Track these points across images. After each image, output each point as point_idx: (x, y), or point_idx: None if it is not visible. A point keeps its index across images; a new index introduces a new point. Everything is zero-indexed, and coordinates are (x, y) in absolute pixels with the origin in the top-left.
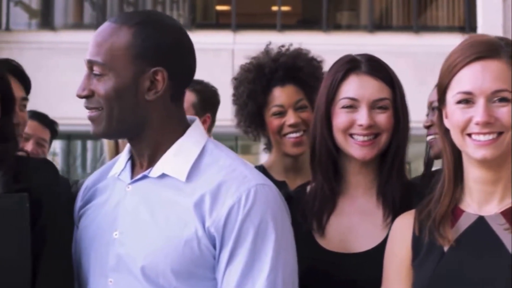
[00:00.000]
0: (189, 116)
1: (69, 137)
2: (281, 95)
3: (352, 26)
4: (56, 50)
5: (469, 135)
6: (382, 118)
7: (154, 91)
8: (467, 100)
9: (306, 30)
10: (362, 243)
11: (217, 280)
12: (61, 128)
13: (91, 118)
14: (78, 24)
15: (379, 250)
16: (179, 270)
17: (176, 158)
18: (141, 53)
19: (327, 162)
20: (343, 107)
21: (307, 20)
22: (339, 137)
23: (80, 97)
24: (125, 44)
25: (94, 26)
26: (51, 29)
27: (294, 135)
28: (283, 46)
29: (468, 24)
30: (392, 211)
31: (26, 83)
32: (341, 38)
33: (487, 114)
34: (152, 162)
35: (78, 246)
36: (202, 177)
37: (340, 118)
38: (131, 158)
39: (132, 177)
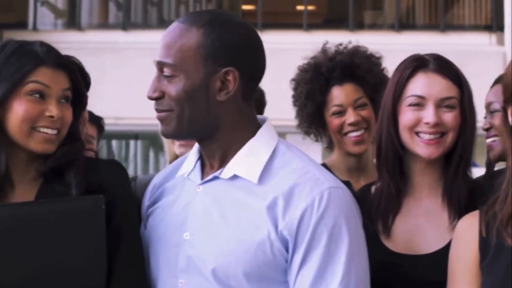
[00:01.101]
0: (259, 116)
1: None
2: (339, 94)
3: (378, 25)
4: (83, 50)
5: None
6: (449, 117)
7: (225, 92)
8: None
9: (332, 29)
10: (429, 244)
11: (289, 283)
12: None
13: (160, 118)
14: (103, 24)
15: (446, 252)
16: (250, 272)
17: (248, 159)
18: (211, 53)
19: (393, 160)
20: (410, 105)
21: (333, 20)
22: (405, 135)
23: (151, 98)
24: (195, 45)
25: (119, 26)
26: (78, 29)
27: (355, 134)
28: (340, 44)
29: (495, 23)
30: (458, 212)
31: (86, 81)
32: (367, 37)
33: None
34: (223, 163)
35: (146, 246)
36: (274, 179)
37: (406, 116)
38: (200, 158)
39: (202, 177)
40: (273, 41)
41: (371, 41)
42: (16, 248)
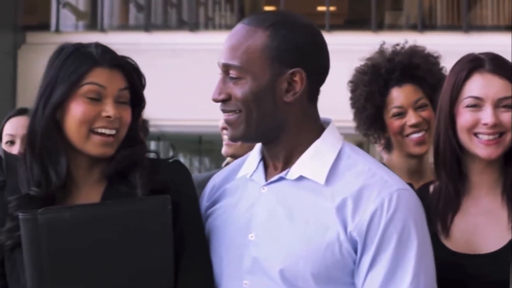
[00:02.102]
0: (322, 117)
1: None
2: (399, 95)
3: (398, 26)
4: None
5: None
6: (507, 116)
7: (292, 93)
8: None
9: (354, 30)
10: (488, 244)
11: (357, 285)
12: None
13: (228, 122)
14: (124, 26)
15: (506, 251)
16: (318, 273)
17: (313, 161)
18: (278, 55)
19: (452, 161)
20: (467, 106)
21: (354, 20)
22: (463, 137)
23: (217, 101)
24: (261, 46)
25: (140, 27)
26: (100, 30)
27: (416, 135)
28: (397, 44)
29: None
30: None
31: (141, 82)
32: (390, 37)
33: None
34: (287, 164)
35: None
36: (341, 181)
37: (464, 117)
38: (263, 159)
39: (266, 178)
40: None
41: (394, 41)
42: (84, 249)
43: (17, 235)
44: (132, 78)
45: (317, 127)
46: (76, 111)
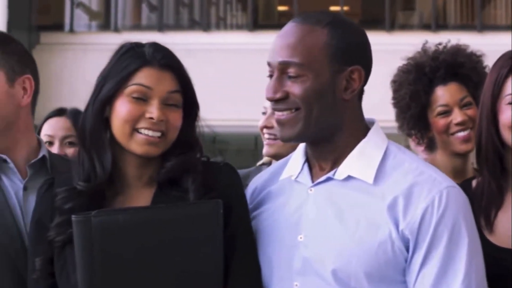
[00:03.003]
0: (366, 117)
1: None
2: (444, 94)
3: (412, 25)
4: None
5: None
6: None
7: (350, 90)
8: None
9: (368, 30)
10: None
11: (408, 283)
12: None
13: (282, 121)
14: (137, 26)
15: None
16: (371, 272)
17: (361, 161)
18: (337, 52)
19: (494, 158)
20: (509, 103)
21: (368, 20)
22: (505, 133)
23: (273, 99)
24: (322, 44)
25: (152, 27)
26: (114, 30)
27: (462, 133)
28: (440, 43)
29: None
30: None
31: None
32: (404, 37)
33: None
34: (335, 164)
35: None
36: (389, 180)
37: (506, 114)
38: (307, 160)
39: (312, 179)
40: None
41: (409, 41)
42: (136, 252)
43: (68, 232)
44: (184, 80)
45: (363, 126)
46: (121, 110)
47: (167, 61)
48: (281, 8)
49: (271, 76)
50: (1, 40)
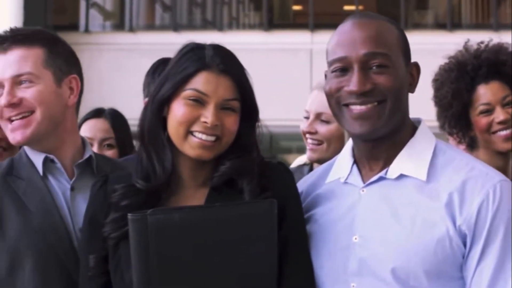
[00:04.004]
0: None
1: None
2: (486, 92)
3: (426, 25)
4: (135, 51)
5: None
6: None
7: (413, 85)
8: None
9: None
10: None
11: (466, 278)
12: None
13: (366, 115)
14: (150, 26)
15: None
16: (430, 270)
17: (412, 159)
18: (405, 48)
19: None
20: None
21: None
22: None
23: (362, 92)
24: (398, 39)
25: (165, 27)
26: (129, 30)
27: (504, 132)
28: (482, 42)
29: None
30: None
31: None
32: (419, 36)
33: None
34: (386, 163)
35: None
36: (442, 177)
37: None
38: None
39: (362, 180)
40: (326, 41)
41: (425, 40)
42: (191, 251)
43: (123, 229)
44: (243, 84)
45: (411, 125)
46: (177, 112)
47: (226, 66)
48: (296, 7)
49: (343, 70)
50: (48, 41)
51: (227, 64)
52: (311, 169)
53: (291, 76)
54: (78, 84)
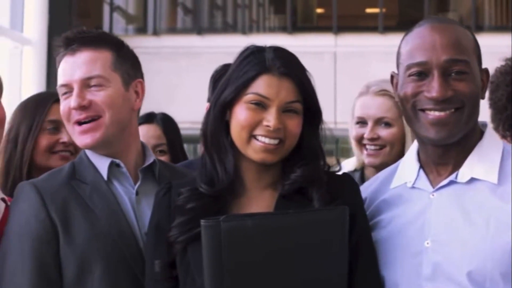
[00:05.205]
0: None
1: None
2: None
3: None
4: (158, 54)
5: None
6: None
7: (484, 90)
8: None
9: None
10: None
11: None
12: None
13: (444, 121)
14: (172, 29)
15: None
16: (506, 272)
17: (481, 162)
18: (479, 54)
19: None
20: None
21: (406, 22)
22: None
23: (443, 99)
24: (473, 45)
25: (188, 30)
26: (152, 34)
27: None
28: None
29: None
30: None
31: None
32: None
33: None
34: (455, 168)
35: None
36: None
37: None
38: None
39: (431, 184)
40: (349, 44)
41: None
42: (264, 257)
43: (190, 233)
44: (304, 87)
45: (479, 129)
46: (239, 116)
47: (287, 69)
48: (319, 10)
49: (420, 74)
50: (115, 44)
51: (288, 66)
52: (362, 175)
53: (315, 79)
54: (144, 88)
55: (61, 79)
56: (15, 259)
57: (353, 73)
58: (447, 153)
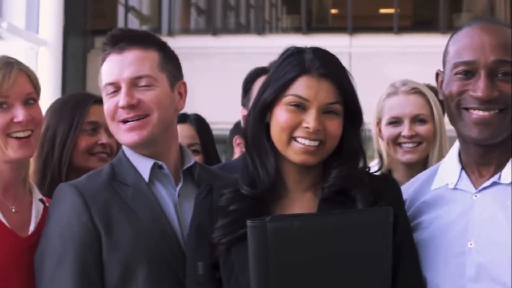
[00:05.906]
0: None
1: None
2: None
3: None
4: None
5: None
6: None
7: None
8: None
9: (422, 32)
10: None
11: None
12: None
13: (488, 121)
14: (186, 29)
15: None
16: None
17: None
18: None
19: None
20: None
21: (420, 22)
22: None
23: (488, 99)
24: None
25: (201, 31)
26: (167, 34)
27: None
28: None
29: None
30: None
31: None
32: None
33: None
34: (497, 169)
35: None
36: None
37: None
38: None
39: (473, 185)
40: (364, 44)
41: None
42: (310, 258)
43: (234, 234)
44: (344, 88)
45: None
46: (279, 117)
47: (326, 70)
48: (334, 11)
49: (466, 73)
50: (160, 44)
51: (327, 67)
52: None
53: None
54: (186, 89)
55: (107, 77)
56: (56, 261)
57: (368, 74)
58: (489, 153)
